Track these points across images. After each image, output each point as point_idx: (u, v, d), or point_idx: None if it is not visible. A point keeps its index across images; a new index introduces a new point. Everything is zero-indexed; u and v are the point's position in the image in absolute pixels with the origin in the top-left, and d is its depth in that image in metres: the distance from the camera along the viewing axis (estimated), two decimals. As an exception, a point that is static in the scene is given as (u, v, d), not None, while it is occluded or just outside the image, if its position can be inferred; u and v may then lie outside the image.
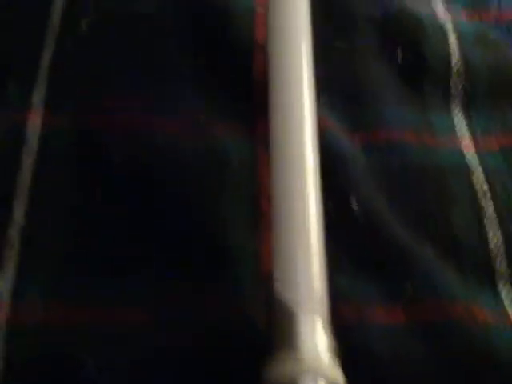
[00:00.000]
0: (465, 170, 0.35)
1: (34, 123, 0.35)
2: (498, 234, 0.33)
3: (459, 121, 0.38)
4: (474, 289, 0.32)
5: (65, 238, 0.32)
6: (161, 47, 0.38)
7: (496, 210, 0.34)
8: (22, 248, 0.31)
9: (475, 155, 0.36)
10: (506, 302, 0.32)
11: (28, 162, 0.34)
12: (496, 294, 0.32)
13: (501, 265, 0.33)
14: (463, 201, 0.34)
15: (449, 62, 0.39)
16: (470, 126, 0.38)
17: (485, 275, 0.32)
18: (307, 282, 0.28)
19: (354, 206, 0.33)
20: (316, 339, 0.27)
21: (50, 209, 0.32)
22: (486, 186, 0.35)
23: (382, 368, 0.29)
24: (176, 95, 0.36)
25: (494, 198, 0.35)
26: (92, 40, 0.38)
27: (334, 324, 0.29)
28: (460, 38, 0.40)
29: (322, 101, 0.35)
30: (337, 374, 0.26)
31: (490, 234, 0.33)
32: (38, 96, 0.36)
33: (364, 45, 0.39)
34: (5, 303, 0.30)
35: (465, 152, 0.36)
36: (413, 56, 0.39)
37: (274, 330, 0.27)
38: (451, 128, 0.37)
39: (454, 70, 0.39)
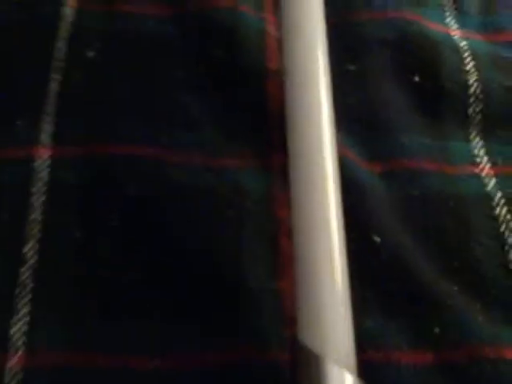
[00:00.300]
0: (485, 199, 0.35)
1: (43, 157, 0.34)
2: None
3: (478, 148, 0.37)
4: (499, 325, 0.31)
5: (76, 278, 0.31)
6: (169, 75, 0.37)
7: None
8: (35, 291, 0.30)
9: (495, 183, 0.35)
10: None
11: (38, 197, 0.33)
12: None
13: None
14: (485, 231, 0.33)
15: (466, 85, 0.38)
16: (489, 153, 0.37)
17: (511, 310, 0.31)
18: (334, 329, 0.27)
19: (376, 239, 0.32)
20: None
21: (61, 246, 0.32)
22: (508, 215, 0.34)
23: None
24: (185, 126, 0.35)
25: None
26: (98, 69, 0.37)
27: (362, 366, 0.28)
28: (476, 59, 0.39)
29: (339, 129, 0.34)
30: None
31: None
32: (46, 130, 0.35)
33: (379, 68, 0.38)
34: (20, 349, 0.29)
35: (485, 180, 0.35)
36: (430, 79, 0.38)
37: (299, 378, 0.26)
38: (470, 156, 0.37)
39: (471, 92, 0.38)
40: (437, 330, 0.30)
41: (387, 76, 0.38)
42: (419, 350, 0.30)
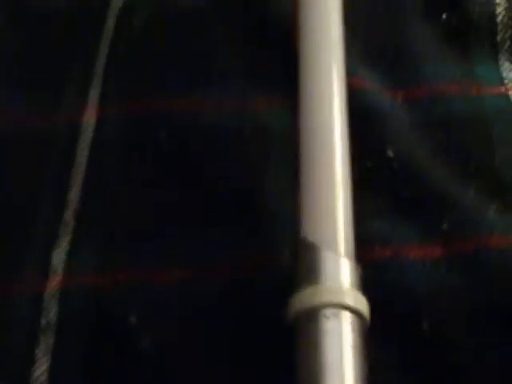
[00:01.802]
0: (510, 112, 0.34)
1: (89, 117, 0.37)
2: None
3: (508, 71, 0.37)
4: None
5: (112, 211, 0.33)
6: (205, 35, 0.39)
7: None
8: (76, 227, 0.33)
9: (525, 99, 0.35)
10: None
11: (83, 149, 0.36)
12: None
13: None
14: (506, 141, 0.33)
15: (493, 15, 0.38)
16: (519, 73, 0.37)
17: None
18: (331, 220, 0.28)
19: (390, 153, 0.33)
20: (339, 273, 0.27)
21: (102, 188, 0.34)
22: None
23: (417, 302, 0.29)
24: (218, 78, 0.37)
25: None
26: (143, 40, 0.40)
27: (369, 264, 0.29)
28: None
29: (360, 62, 0.36)
30: (360, 305, 0.26)
31: None
32: (94, 95, 0.38)
33: (407, 6, 0.39)
34: (58, 273, 0.31)
35: (512, 98, 0.35)
36: (457, 16, 0.39)
37: (298, 267, 0.28)
38: (499, 78, 0.37)
39: (499, 21, 0.38)
40: (445, 225, 0.31)
41: (415, 13, 0.39)
42: (427, 245, 0.30)
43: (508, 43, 0.38)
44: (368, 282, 0.28)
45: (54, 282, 0.31)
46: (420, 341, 0.28)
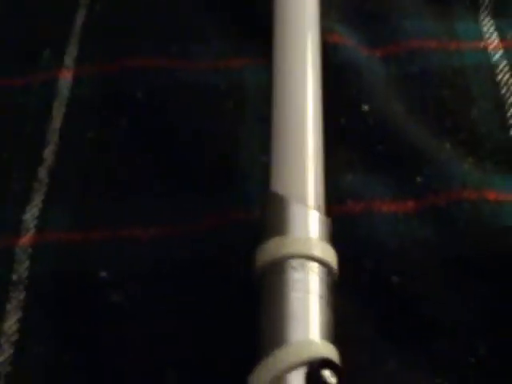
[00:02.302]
0: (488, 68, 0.34)
1: (66, 77, 0.37)
2: None
3: (488, 26, 0.36)
4: (489, 173, 0.30)
5: (87, 169, 0.33)
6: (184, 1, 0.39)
7: None
8: (49, 183, 0.33)
9: (502, 53, 0.35)
10: None
11: (59, 108, 0.35)
12: None
13: None
14: (484, 94, 0.33)
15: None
16: (498, 29, 0.36)
17: (504, 161, 0.31)
18: (301, 174, 0.28)
19: (365, 107, 0.32)
20: (307, 225, 0.27)
21: (77, 145, 0.34)
22: (511, 80, 0.33)
23: (388, 255, 0.29)
24: (194, 38, 0.37)
25: None
26: (118, 3, 0.40)
27: (341, 218, 0.29)
28: None
29: (338, 19, 0.35)
30: (328, 256, 0.26)
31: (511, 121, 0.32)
32: (70, 55, 0.38)
33: None
34: (30, 229, 0.31)
35: (491, 53, 0.35)
36: None
37: (266, 219, 0.27)
38: (479, 34, 0.36)
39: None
40: (419, 179, 0.30)
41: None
42: (400, 199, 0.30)
43: (490, 1, 0.37)
44: (339, 236, 0.27)
45: (26, 238, 0.31)
46: (390, 294, 0.28)
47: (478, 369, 0.26)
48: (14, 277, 0.30)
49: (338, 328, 0.25)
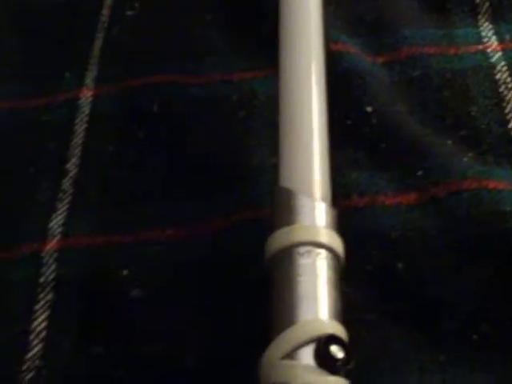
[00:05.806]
0: (487, 68, 0.36)
1: (86, 96, 0.39)
2: None
3: (487, 31, 0.38)
4: (488, 166, 0.32)
5: (107, 179, 0.35)
6: (197, 21, 0.41)
7: None
8: (73, 193, 0.35)
9: (501, 55, 0.36)
10: None
11: (81, 125, 0.38)
12: None
13: None
14: (483, 92, 0.35)
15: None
16: (497, 33, 0.38)
17: (504, 154, 0.32)
18: (308, 169, 0.29)
19: (368, 109, 0.34)
20: (314, 214, 0.28)
21: (98, 158, 0.36)
22: (509, 78, 0.35)
23: (392, 244, 0.30)
24: (207, 54, 0.39)
25: None
26: (135, 25, 0.42)
27: (346, 211, 0.30)
28: None
29: (342, 28, 0.37)
30: (334, 243, 0.27)
31: (510, 116, 0.33)
32: (90, 76, 0.40)
33: None
34: (56, 235, 0.33)
35: (490, 54, 0.37)
36: None
37: (275, 212, 0.29)
38: (478, 38, 0.38)
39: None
40: (420, 173, 0.32)
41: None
42: (402, 192, 0.31)
43: (487, 4, 0.39)
44: (346, 227, 0.29)
45: (52, 244, 0.33)
46: (396, 279, 0.29)
47: (481, 345, 0.27)
48: (42, 279, 0.32)
49: (346, 312, 0.26)
